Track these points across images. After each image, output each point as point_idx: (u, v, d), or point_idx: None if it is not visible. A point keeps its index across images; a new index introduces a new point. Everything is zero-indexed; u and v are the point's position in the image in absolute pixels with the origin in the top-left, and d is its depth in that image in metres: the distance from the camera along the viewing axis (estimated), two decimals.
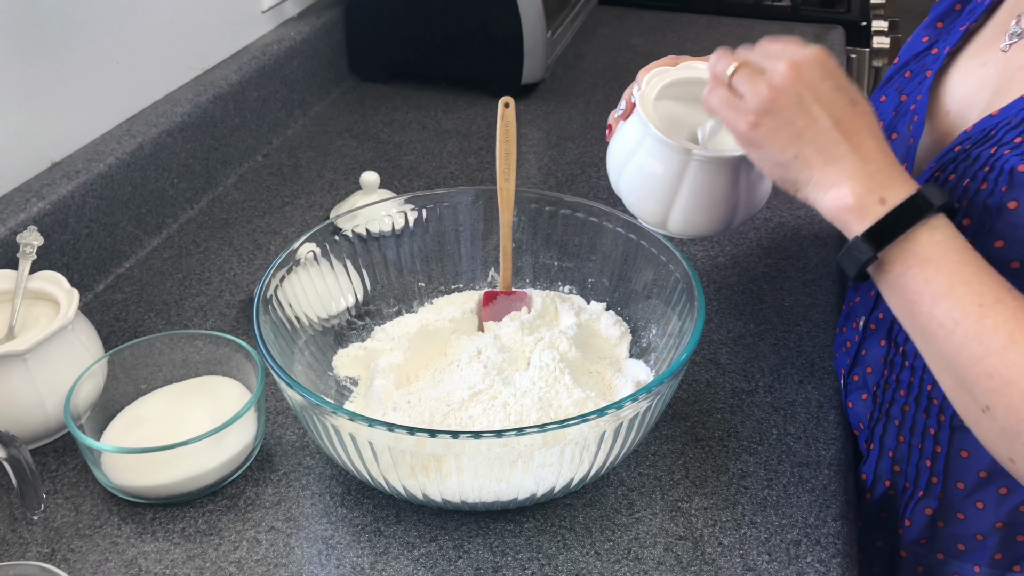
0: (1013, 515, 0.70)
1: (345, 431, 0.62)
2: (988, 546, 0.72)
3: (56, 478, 0.73)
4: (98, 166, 0.94)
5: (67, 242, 0.90)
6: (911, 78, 0.75)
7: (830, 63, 0.61)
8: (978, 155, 0.63)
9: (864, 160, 0.59)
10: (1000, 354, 0.54)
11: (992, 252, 0.61)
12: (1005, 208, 0.61)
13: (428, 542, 0.67)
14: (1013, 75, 0.66)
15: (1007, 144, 0.62)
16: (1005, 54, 0.68)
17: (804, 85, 0.60)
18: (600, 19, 1.70)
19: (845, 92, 0.61)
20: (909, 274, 0.57)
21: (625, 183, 0.75)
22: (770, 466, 0.73)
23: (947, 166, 0.65)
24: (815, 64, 0.60)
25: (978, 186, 0.62)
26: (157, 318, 0.90)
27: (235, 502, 0.70)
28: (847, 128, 0.59)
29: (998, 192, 0.61)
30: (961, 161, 0.64)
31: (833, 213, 0.60)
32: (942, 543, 0.74)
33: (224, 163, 1.14)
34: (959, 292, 0.55)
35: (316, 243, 0.80)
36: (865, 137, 0.60)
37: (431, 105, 1.35)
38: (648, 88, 0.73)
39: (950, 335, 0.56)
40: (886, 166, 0.59)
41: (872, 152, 0.59)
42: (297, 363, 0.74)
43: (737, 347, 0.86)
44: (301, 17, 1.34)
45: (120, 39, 1.00)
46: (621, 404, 0.61)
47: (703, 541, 0.67)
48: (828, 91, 0.60)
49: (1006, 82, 0.66)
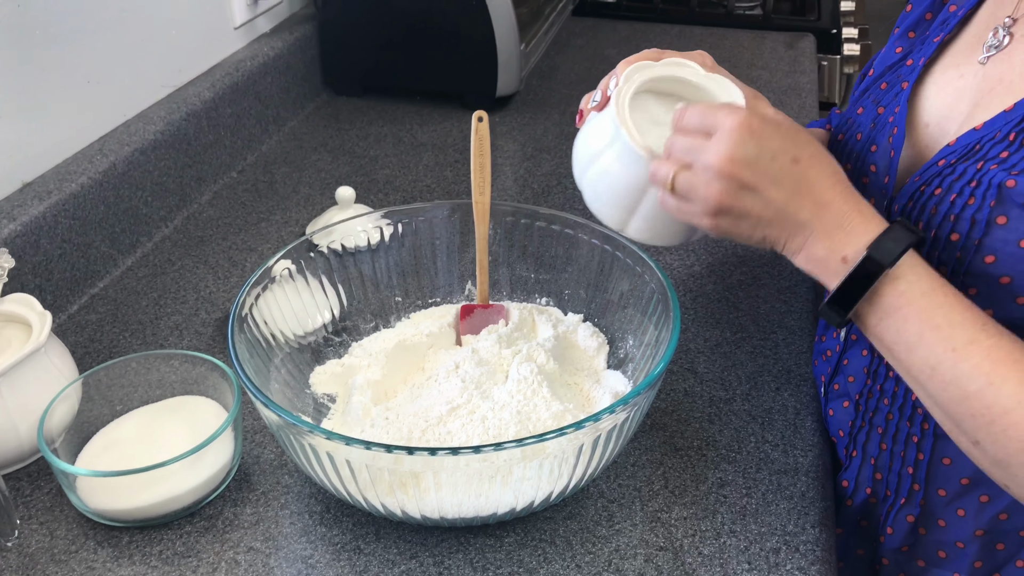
0: (993, 523, 0.70)
1: (322, 450, 0.62)
2: (968, 554, 0.72)
3: (30, 503, 0.72)
4: (70, 186, 0.93)
5: (39, 263, 0.89)
6: (887, 89, 0.75)
7: (755, 126, 0.59)
8: (964, 170, 0.63)
9: (822, 218, 0.59)
10: (979, 396, 0.55)
11: (982, 267, 0.61)
12: (994, 223, 0.61)
13: (408, 559, 0.67)
14: (992, 88, 0.66)
15: (993, 159, 0.62)
16: (983, 66, 0.68)
17: (741, 174, 0.59)
18: (574, 31, 1.71)
19: (784, 154, 0.59)
20: (882, 325, 0.58)
21: (588, 182, 0.72)
22: (749, 474, 0.74)
23: (932, 180, 0.65)
24: (742, 142, 0.59)
25: (965, 201, 0.62)
26: (132, 338, 0.90)
27: (213, 523, 0.70)
28: (801, 194, 0.60)
29: (986, 207, 0.61)
30: (947, 176, 0.64)
31: (807, 270, 0.61)
32: (923, 550, 0.75)
33: (198, 180, 1.14)
34: (930, 339, 0.56)
35: (292, 259, 0.80)
36: (821, 190, 0.60)
37: (406, 119, 1.35)
38: (626, 85, 0.69)
39: (929, 380, 0.57)
40: (845, 215, 0.59)
41: (831, 204, 0.59)
42: (274, 381, 0.74)
43: (714, 356, 0.86)
44: (274, 33, 1.34)
45: (91, 58, 0.99)
46: (599, 416, 0.61)
47: (683, 551, 0.67)
48: (767, 166, 0.59)
49: (986, 95, 0.66)
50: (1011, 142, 0.62)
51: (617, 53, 1.59)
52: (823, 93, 1.67)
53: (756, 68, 1.54)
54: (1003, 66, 0.66)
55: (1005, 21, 0.68)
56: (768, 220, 0.61)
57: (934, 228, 0.64)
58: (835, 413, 0.79)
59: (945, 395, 0.57)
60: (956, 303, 0.57)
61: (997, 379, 0.55)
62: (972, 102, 0.67)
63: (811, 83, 1.48)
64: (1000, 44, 0.67)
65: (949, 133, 0.68)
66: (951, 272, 0.63)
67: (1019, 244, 0.60)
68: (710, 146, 0.60)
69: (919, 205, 0.65)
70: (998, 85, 0.66)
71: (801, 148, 0.60)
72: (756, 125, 0.60)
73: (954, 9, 0.74)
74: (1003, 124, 0.62)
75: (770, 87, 1.46)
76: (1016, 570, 0.71)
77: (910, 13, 0.78)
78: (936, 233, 0.64)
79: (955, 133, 0.67)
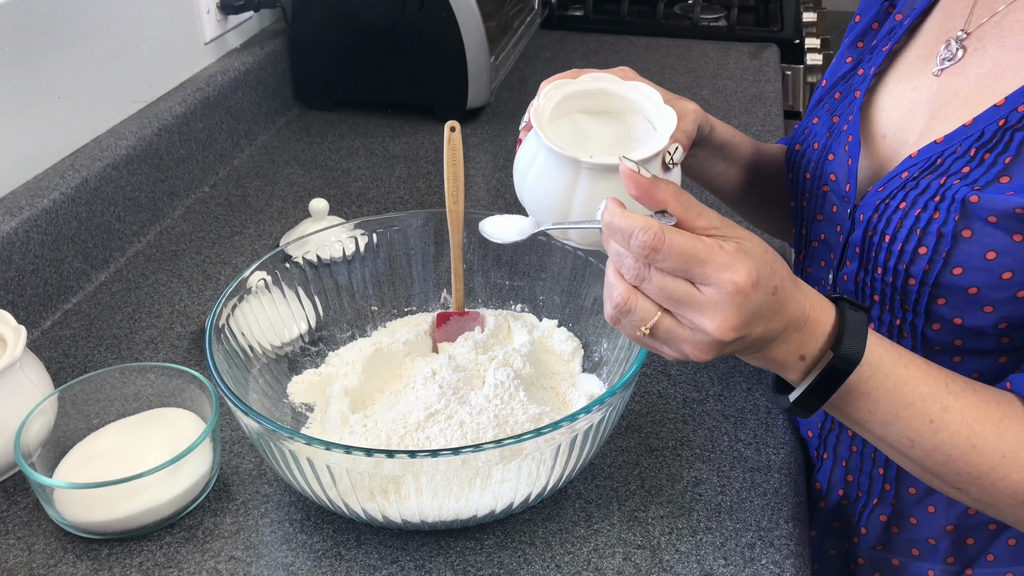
0: (962, 518, 0.72)
1: (302, 456, 0.62)
2: (940, 549, 0.74)
3: (7, 518, 0.71)
4: (42, 202, 0.93)
5: (12, 279, 0.89)
6: (841, 99, 0.76)
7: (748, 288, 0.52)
8: (928, 184, 0.64)
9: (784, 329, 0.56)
10: (964, 459, 0.57)
11: (951, 279, 0.62)
12: (960, 237, 0.61)
13: (389, 564, 0.67)
14: (949, 101, 0.67)
15: (955, 174, 0.63)
16: (937, 78, 0.69)
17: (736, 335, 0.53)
18: (542, 43, 1.73)
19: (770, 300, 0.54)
20: (852, 409, 0.59)
21: (527, 194, 0.71)
22: (723, 472, 0.75)
23: (896, 193, 0.66)
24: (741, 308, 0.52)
25: (930, 215, 0.63)
26: (107, 352, 0.89)
27: (193, 533, 0.70)
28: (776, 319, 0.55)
29: (951, 221, 0.62)
30: (911, 189, 0.65)
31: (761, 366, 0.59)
32: (897, 548, 0.77)
33: (171, 195, 1.14)
34: (905, 416, 0.58)
35: (267, 271, 0.80)
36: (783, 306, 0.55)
37: (378, 131, 1.36)
38: (545, 101, 0.69)
39: (910, 450, 0.59)
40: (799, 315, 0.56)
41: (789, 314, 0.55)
42: (252, 391, 0.74)
43: None
44: (244, 48, 1.35)
45: (61, 73, 0.99)
46: (575, 416, 0.62)
47: (660, 549, 0.68)
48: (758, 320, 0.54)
49: (943, 107, 0.67)
50: (972, 157, 0.63)
51: (585, 65, 1.61)
52: (787, 102, 1.70)
53: (721, 78, 1.57)
54: (958, 79, 0.67)
55: (958, 35, 0.69)
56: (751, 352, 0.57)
57: (900, 241, 0.65)
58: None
59: (928, 461, 0.58)
60: (919, 374, 0.58)
61: (978, 440, 0.57)
62: (929, 114, 0.69)
63: (776, 92, 1.51)
64: (954, 57, 0.68)
65: (907, 144, 0.69)
66: (919, 283, 0.64)
67: (985, 256, 0.61)
68: (706, 310, 0.52)
69: (884, 218, 0.66)
70: (954, 98, 0.67)
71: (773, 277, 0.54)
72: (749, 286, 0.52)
73: (900, 18, 0.75)
74: (963, 139, 0.63)
75: (736, 96, 1.49)
76: (987, 563, 0.73)
77: (858, 23, 0.80)
78: (903, 246, 0.64)
79: (914, 144, 0.68)
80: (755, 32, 1.81)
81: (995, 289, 0.62)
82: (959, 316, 0.64)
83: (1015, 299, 0.61)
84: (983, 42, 0.67)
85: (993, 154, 0.61)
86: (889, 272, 0.66)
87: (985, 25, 0.67)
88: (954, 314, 0.64)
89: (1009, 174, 0.60)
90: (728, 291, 0.52)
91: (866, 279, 0.69)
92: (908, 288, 0.65)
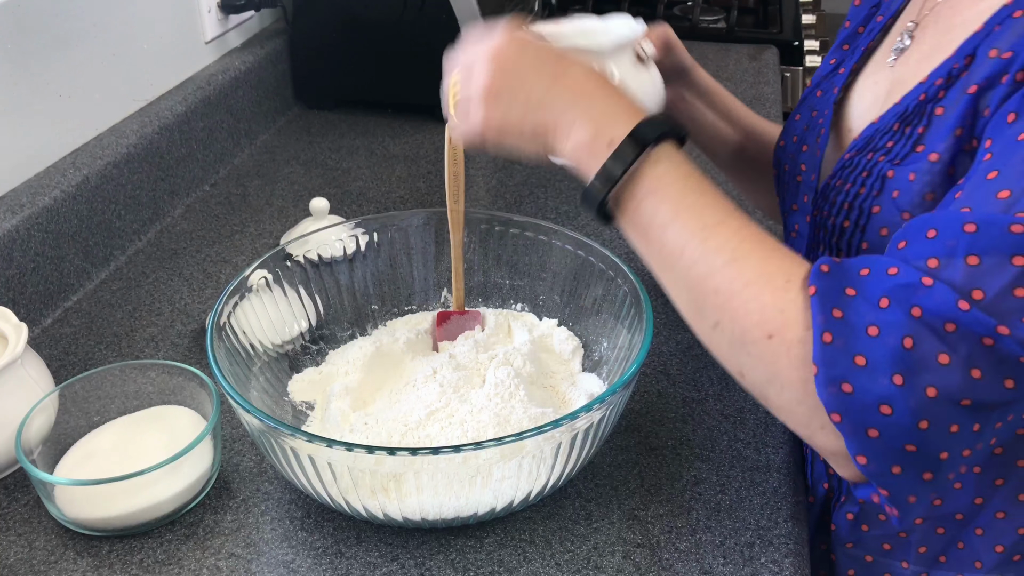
0: (930, 510, 0.72)
1: (304, 453, 0.62)
2: (912, 542, 0.74)
3: (8, 515, 0.71)
4: (43, 199, 0.93)
5: (13, 276, 0.89)
6: (822, 96, 0.79)
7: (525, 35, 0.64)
8: (861, 162, 0.67)
9: (588, 105, 0.61)
10: (723, 271, 0.55)
11: (863, 253, 0.65)
12: (871, 212, 0.65)
13: (390, 561, 0.67)
14: (894, 88, 0.70)
15: (882, 150, 0.66)
16: (892, 69, 0.72)
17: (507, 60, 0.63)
18: None
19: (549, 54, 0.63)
20: (640, 208, 0.59)
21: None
22: (722, 472, 0.75)
23: (837, 174, 0.69)
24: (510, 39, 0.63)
25: (857, 190, 0.67)
26: (108, 350, 0.89)
27: (194, 531, 0.70)
28: (564, 81, 0.62)
29: (871, 196, 0.65)
30: (847, 168, 0.69)
31: (573, 159, 0.62)
32: (869, 545, 0.77)
33: (171, 194, 1.14)
34: (684, 217, 0.57)
35: (268, 269, 0.80)
36: (583, 82, 0.62)
37: (378, 131, 1.36)
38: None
39: (679, 259, 0.57)
40: (612, 105, 0.61)
41: (595, 94, 0.62)
42: (253, 390, 0.74)
43: (686, 358, 0.88)
44: (245, 47, 1.35)
45: (62, 72, 1.00)
46: (575, 415, 0.63)
47: (660, 547, 0.68)
48: (533, 55, 0.63)
49: (890, 95, 0.70)
50: (895, 132, 0.66)
51: None
52: (786, 104, 1.70)
53: (721, 79, 1.56)
54: (904, 67, 0.70)
55: (908, 25, 0.72)
56: (536, 102, 0.62)
57: (834, 216, 0.69)
58: None
59: (692, 273, 0.57)
60: (710, 188, 0.59)
61: (741, 255, 0.55)
62: (880, 101, 0.72)
63: (775, 94, 1.51)
64: (904, 47, 0.72)
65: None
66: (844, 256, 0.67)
67: (880, 232, 0.65)
68: (477, 45, 0.64)
69: (828, 199, 0.70)
70: (899, 85, 0.70)
71: (564, 57, 0.64)
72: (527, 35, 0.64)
73: (880, 19, 0.78)
74: (892, 116, 0.67)
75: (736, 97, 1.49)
76: (958, 551, 0.73)
77: (847, 28, 0.83)
78: (834, 221, 0.69)
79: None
80: (754, 34, 1.81)
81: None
82: None
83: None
84: (925, 30, 0.70)
85: (912, 127, 0.65)
86: (828, 248, 0.70)
87: (928, 15, 0.71)
88: None
89: (924, 143, 0.63)
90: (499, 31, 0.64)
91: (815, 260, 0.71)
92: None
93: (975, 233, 0.50)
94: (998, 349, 0.49)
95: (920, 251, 0.52)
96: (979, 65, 0.61)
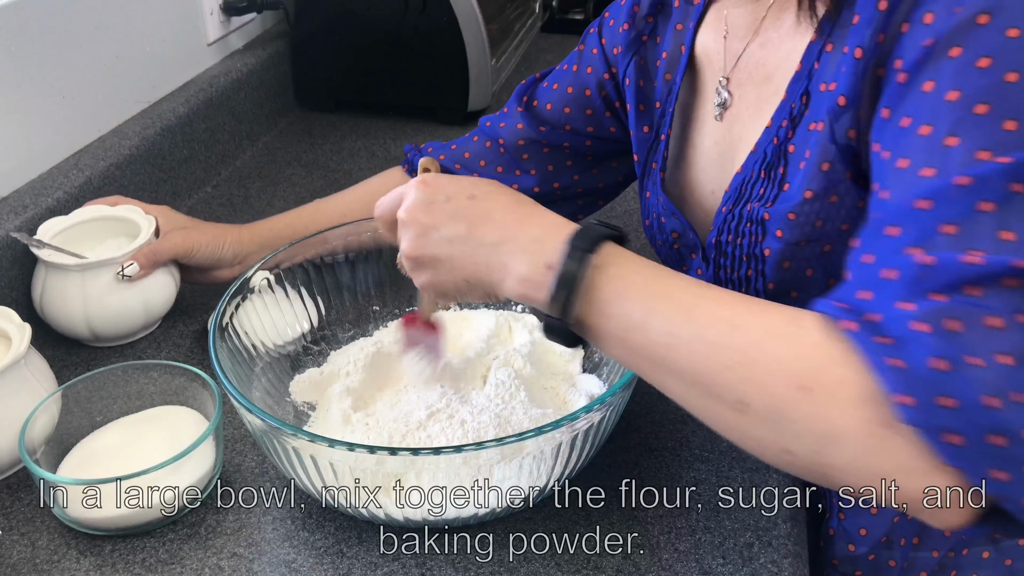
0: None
1: (306, 453, 0.63)
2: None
3: (10, 514, 0.72)
4: (46, 200, 0.93)
5: (16, 277, 0.89)
6: (657, 168, 0.81)
7: (429, 179, 0.62)
8: (739, 213, 0.70)
9: (513, 237, 0.58)
10: (727, 343, 0.50)
11: (772, 295, 0.69)
12: (763, 255, 0.68)
13: (391, 561, 0.68)
14: (736, 139, 0.74)
15: (755, 198, 0.69)
16: (720, 123, 0.75)
17: (419, 218, 0.60)
18: (542, 46, 1.73)
19: (459, 194, 0.60)
20: (606, 317, 0.54)
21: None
22: (721, 473, 0.75)
23: (722, 228, 0.72)
24: (417, 193, 0.61)
25: (748, 240, 0.69)
26: (111, 351, 0.90)
27: (196, 530, 0.70)
28: (482, 222, 0.59)
29: (758, 242, 0.68)
30: (729, 221, 0.71)
31: (520, 296, 0.58)
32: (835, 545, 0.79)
33: (173, 195, 1.14)
34: (659, 308, 0.52)
35: (270, 271, 0.81)
36: (503, 215, 0.59)
37: (379, 133, 1.37)
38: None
39: (672, 351, 0.52)
40: (536, 228, 0.58)
41: (518, 224, 0.58)
42: (255, 390, 0.75)
43: None
44: (247, 49, 1.35)
45: (65, 73, 1.00)
46: (576, 416, 0.63)
47: (660, 548, 0.69)
48: (442, 207, 0.60)
49: (733, 145, 0.74)
50: (763, 179, 0.69)
51: None
52: None
53: None
54: (736, 123, 0.74)
55: (721, 80, 0.75)
56: (461, 257, 0.59)
57: (736, 270, 0.71)
58: None
59: (692, 360, 0.51)
60: (672, 274, 0.55)
61: (737, 320, 0.50)
62: (727, 157, 0.75)
63: None
64: (725, 102, 0.75)
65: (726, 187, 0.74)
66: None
67: (783, 266, 0.67)
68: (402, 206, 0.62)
69: (725, 252, 0.73)
70: (740, 142, 0.73)
71: (476, 187, 0.61)
72: (430, 179, 0.62)
73: (671, 78, 0.80)
74: (753, 164, 0.70)
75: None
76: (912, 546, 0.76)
77: (628, 86, 0.83)
78: (738, 273, 0.71)
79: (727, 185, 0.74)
80: None
81: (807, 290, 0.67)
82: None
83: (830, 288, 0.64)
84: (741, 85, 0.73)
85: (774, 169, 0.68)
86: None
87: (735, 68, 0.74)
88: None
89: (788, 180, 0.66)
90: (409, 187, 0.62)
91: None
92: None
93: (933, 207, 0.48)
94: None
95: (893, 247, 0.49)
96: (816, 101, 0.64)
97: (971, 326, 0.43)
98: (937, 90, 0.51)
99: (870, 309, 0.47)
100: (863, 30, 0.57)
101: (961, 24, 0.51)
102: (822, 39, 0.64)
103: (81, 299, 0.85)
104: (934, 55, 0.52)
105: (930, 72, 0.52)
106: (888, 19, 0.55)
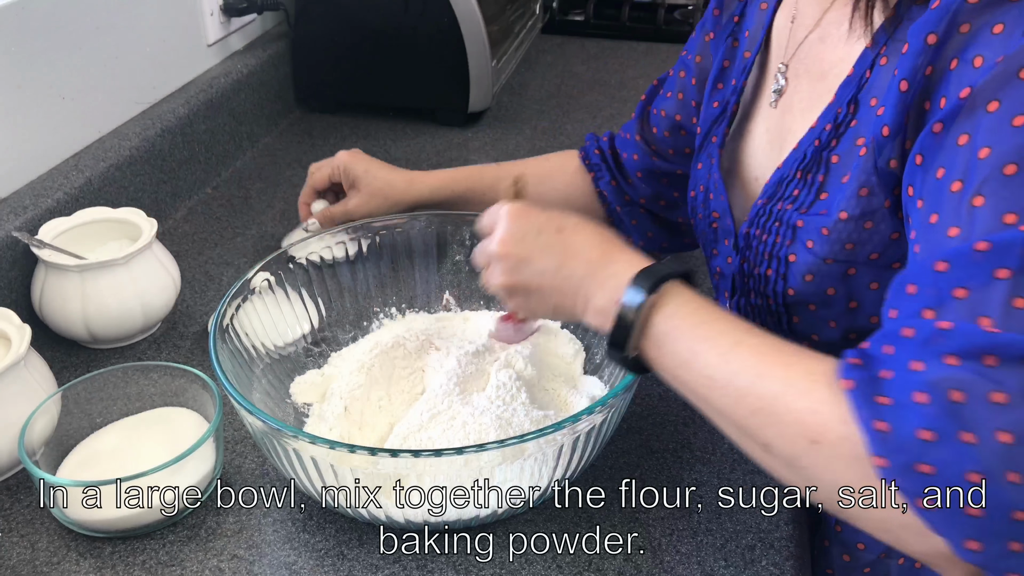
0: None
1: (306, 454, 0.62)
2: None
3: (10, 516, 0.72)
4: (46, 201, 0.93)
5: (15, 278, 0.89)
6: (717, 142, 0.81)
7: (520, 210, 0.67)
8: (771, 210, 0.70)
9: (595, 274, 0.63)
10: (752, 390, 0.54)
11: (791, 299, 0.68)
12: (788, 261, 0.68)
13: (391, 563, 0.67)
14: (783, 135, 0.73)
15: (789, 199, 0.69)
16: (775, 110, 0.75)
17: (514, 251, 0.66)
18: (543, 48, 1.73)
19: (548, 226, 0.66)
20: (662, 352, 0.59)
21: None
22: (723, 475, 0.75)
23: (754, 221, 0.72)
24: (509, 225, 0.66)
25: (774, 239, 0.69)
26: (110, 352, 0.90)
27: (196, 532, 0.70)
28: (570, 257, 0.64)
29: (785, 246, 0.68)
30: (762, 217, 0.71)
31: (597, 324, 0.63)
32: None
33: (173, 196, 1.14)
34: (701, 351, 0.57)
35: (270, 272, 0.81)
36: (588, 250, 0.64)
37: (379, 134, 1.37)
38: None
39: (710, 391, 0.56)
40: (614, 264, 0.62)
41: (600, 259, 0.63)
42: (255, 391, 0.75)
43: None
44: (247, 50, 1.35)
45: (65, 74, 1.00)
46: (577, 418, 0.63)
47: (661, 550, 0.68)
48: (534, 240, 0.65)
49: (781, 137, 0.73)
50: (799, 180, 0.68)
51: (585, 70, 1.62)
52: None
53: None
54: (787, 115, 0.73)
55: (780, 67, 0.74)
56: (550, 288, 0.65)
57: (758, 266, 0.71)
58: None
59: (725, 401, 0.55)
60: (720, 316, 0.58)
61: (764, 370, 0.54)
62: (775, 146, 0.74)
63: None
64: (781, 88, 0.74)
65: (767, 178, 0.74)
66: (774, 305, 0.70)
67: (805, 279, 0.67)
68: (492, 238, 0.67)
69: (751, 246, 0.72)
70: (789, 134, 0.72)
71: (564, 220, 0.66)
72: (522, 211, 0.67)
73: (748, 56, 0.79)
74: (793, 163, 0.69)
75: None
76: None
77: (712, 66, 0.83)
78: (758, 271, 0.71)
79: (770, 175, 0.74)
80: None
81: (827, 306, 0.67)
82: (814, 332, 0.70)
83: (849, 310, 0.66)
84: (797, 76, 0.73)
85: (812, 174, 0.67)
86: (758, 296, 0.72)
87: (795, 58, 0.73)
88: (809, 331, 0.70)
89: (826, 190, 0.66)
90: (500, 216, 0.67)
91: (747, 305, 0.75)
92: (771, 309, 0.71)
93: (948, 270, 0.49)
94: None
95: (911, 308, 0.51)
96: (864, 114, 0.64)
97: (975, 399, 0.44)
98: (971, 145, 0.51)
99: (886, 366, 0.48)
100: (910, 61, 0.57)
101: (1002, 76, 0.51)
102: (876, 49, 0.64)
103: (80, 300, 0.85)
104: (971, 107, 0.52)
105: (966, 125, 0.52)
106: (937, 53, 0.55)
